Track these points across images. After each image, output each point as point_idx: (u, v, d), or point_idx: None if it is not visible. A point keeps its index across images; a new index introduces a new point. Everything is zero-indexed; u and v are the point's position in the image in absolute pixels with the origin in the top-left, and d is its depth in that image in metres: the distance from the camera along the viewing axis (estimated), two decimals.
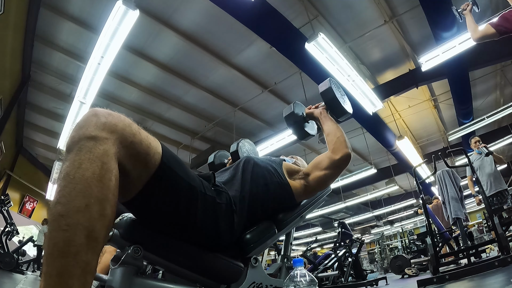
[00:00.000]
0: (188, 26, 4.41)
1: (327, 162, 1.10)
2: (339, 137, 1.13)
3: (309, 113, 1.30)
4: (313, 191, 1.12)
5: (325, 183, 1.11)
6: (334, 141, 1.13)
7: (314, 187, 1.10)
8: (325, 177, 1.09)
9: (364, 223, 14.90)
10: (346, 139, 1.14)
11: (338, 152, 1.10)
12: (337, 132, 1.15)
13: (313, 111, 1.28)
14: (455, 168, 4.46)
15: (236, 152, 1.43)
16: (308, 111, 1.30)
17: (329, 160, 1.10)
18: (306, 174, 1.10)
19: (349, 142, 1.14)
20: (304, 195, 1.10)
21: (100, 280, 0.66)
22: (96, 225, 0.51)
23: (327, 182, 1.12)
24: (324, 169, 1.09)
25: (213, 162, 1.61)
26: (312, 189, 1.10)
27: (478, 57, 4.65)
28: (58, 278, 0.46)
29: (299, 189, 1.08)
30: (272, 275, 1.11)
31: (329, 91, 1.21)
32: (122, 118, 0.62)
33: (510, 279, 1.86)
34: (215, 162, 1.61)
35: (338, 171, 1.11)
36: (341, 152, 1.10)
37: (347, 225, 6.45)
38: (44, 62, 5.05)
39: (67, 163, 0.53)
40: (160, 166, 0.67)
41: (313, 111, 1.28)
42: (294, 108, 1.28)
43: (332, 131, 1.16)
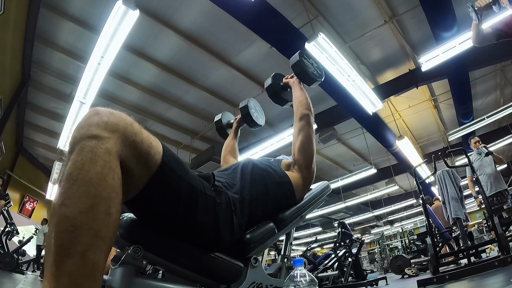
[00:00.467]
0: (188, 26, 4.41)
1: (296, 128, 1.21)
2: (301, 100, 1.26)
3: (285, 82, 1.45)
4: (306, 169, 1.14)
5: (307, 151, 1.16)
6: (296, 105, 1.27)
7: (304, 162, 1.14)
8: (302, 145, 1.16)
9: (364, 223, 14.90)
10: (307, 102, 1.26)
11: (298, 113, 1.23)
12: (301, 97, 1.28)
13: (288, 81, 1.42)
14: (455, 168, 4.46)
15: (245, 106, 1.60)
16: (284, 81, 1.45)
17: (295, 126, 1.21)
18: (293, 156, 1.18)
19: (310, 105, 1.26)
20: (302, 184, 1.12)
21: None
22: (102, 224, 0.51)
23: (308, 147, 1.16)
24: (297, 136, 1.18)
25: (220, 120, 1.76)
26: (303, 166, 1.14)
27: (478, 57, 4.65)
28: (69, 277, 0.47)
29: (296, 179, 1.10)
30: (272, 275, 1.11)
31: (296, 64, 1.35)
32: (124, 117, 0.62)
33: (510, 279, 1.86)
34: (223, 120, 1.77)
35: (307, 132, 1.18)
36: (300, 112, 1.22)
37: (347, 225, 6.45)
38: (44, 62, 5.05)
39: (70, 164, 0.53)
40: (161, 166, 0.67)
41: (288, 80, 1.43)
42: (274, 79, 1.46)
43: (297, 96, 1.30)
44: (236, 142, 1.70)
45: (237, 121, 1.72)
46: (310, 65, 1.39)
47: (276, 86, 1.45)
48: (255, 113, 1.65)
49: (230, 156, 1.64)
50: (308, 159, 1.15)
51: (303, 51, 1.39)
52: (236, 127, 1.72)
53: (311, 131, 1.19)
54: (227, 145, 1.67)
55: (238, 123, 1.72)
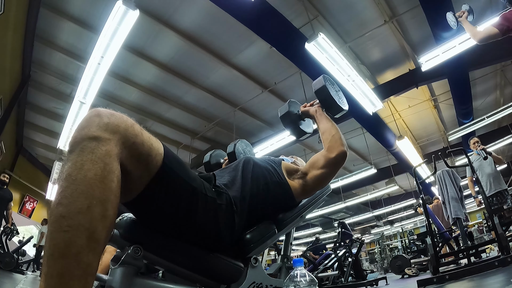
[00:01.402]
0: (188, 26, 4.41)
1: (323, 161, 1.09)
2: (334, 135, 1.12)
3: (304, 111, 1.29)
4: (311, 191, 1.12)
5: (322, 182, 1.10)
6: (329, 139, 1.12)
7: (312, 187, 1.10)
8: (322, 176, 1.08)
9: (364, 223, 14.90)
10: (341, 136, 1.13)
11: (334, 150, 1.09)
12: (332, 130, 1.14)
13: (308, 109, 1.27)
14: (455, 168, 4.46)
15: (233, 152, 1.44)
16: (303, 109, 1.29)
17: (325, 159, 1.09)
18: (304, 174, 1.10)
19: (344, 139, 1.13)
20: (303, 194, 1.10)
21: (100, 280, 0.66)
22: (98, 226, 0.51)
23: (325, 181, 1.11)
24: (321, 168, 1.08)
25: (208, 161, 1.61)
26: (310, 188, 1.09)
27: (478, 57, 4.64)
28: (59, 279, 0.46)
29: (298, 189, 1.08)
30: (272, 275, 1.11)
31: (323, 89, 1.19)
32: (125, 118, 0.62)
33: (510, 279, 1.86)
34: (211, 161, 1.61)
35: (334, 170, 1.10)
36: (336, 150, 1.09)
37: (347, 225, 6.46)
38: (44, 62, 5.05)
39: (69, 164, 0.53)
40: (162, 167, 0.67)
41: (308, 109, 1.28)
42: (289, 107, 1.28)
43: (327, 129, 1.15)
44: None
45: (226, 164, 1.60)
46: (334, 92, 1.23)
47: (293, 115, 1.27)
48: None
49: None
50: (316, 188, 1.13)
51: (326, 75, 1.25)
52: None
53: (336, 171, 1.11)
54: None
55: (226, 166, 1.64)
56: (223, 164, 1.62)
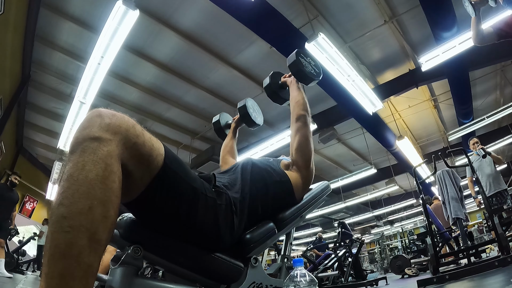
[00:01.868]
0: (188, 26, 4.41)
1: (292, 129, 1.20)
2: (297, 101, 1.26)
3: (283, 81, 1.44)
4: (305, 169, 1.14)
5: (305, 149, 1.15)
6: (293, 106, 1.26)
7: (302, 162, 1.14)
8: (300, 145, 1.15)
9: (364, 223, 14.90)
10: (304, 103, 1.25)
11: (294, 113, 1.22)
12: (298, 97, 1.27)
13: (286, 80, 1.42)
14: (455, 168, 4.46)
15: (244, 106, 1.61)
16: (282, 80, 1.45)
17: (292, 126, 1.21)
18: (291, 156, 1.18)
19: (307, 105, 1.25)
20: (301, 183, 1.12)
21: (100, 280, 0.67)
22: (99, 227, 0.51)
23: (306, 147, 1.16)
24: (294, 137, 1.18)
25: (218, 121, 1.76)
26: (301, 165, 1.14)
27: (478, 57, 4.65)
28: (60, 279, 0.46)
29: (295, 178, 1.10)
30: (272, 275, 1.11)
31: (294, 64, 1.33)
32: (126, 119, 0.62)
33: (510, 279, 1.86)
34: (221, 121, 1.76)
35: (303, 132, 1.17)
36: (296, 113, 1.22)
37: (347, 225, 6.46)
38: (44, 62, 5.05)
39: (71, 164, 0.53)
40: (163, 168, 0.67)
41: (286, 79, 1.42)
42: (273, 77, 1.47)
43: (294, 96, 1.29)
44: (234, 142, 1.70)
45: (235, 121, 1.71)
46: (308, 64, 1.38)
47: (274, 85, 1.45)
48: (254, 113, 1.65)
49: (229, 156, 1.63)
50: (306, 159, 1.15)
51: (300, 49, 1.38)
52: (234, 127, 1.71)
53: (308, 131, 1.19)
54: (226, 146, 1.67)
55: (236, 123, 1.71)
56: (233, 122, 1.73)
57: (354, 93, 4.55)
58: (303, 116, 1.21)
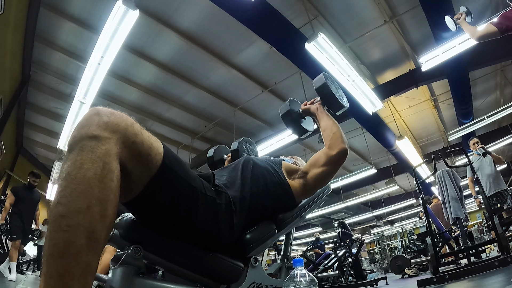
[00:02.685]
0: (188, 26, 4.41)
1: (324, 159, 1.08)
2: (335, 132, 1.12)
3: (305, 109, 1.28)
4: (312, 190, 1.11)
5: (323, 180, 1.09)
6: (330, 137, 1.11)
7: (313, 186, 1.09)
8: (323, 174, 1.07)
9: (364, 223, 14.90)
10: (342, 134, 1.12)
11: (334, 147, 1.08)
12: (333, 127, 1.13)
13: (309, 107, 1.26)
14: (455, 168, 4.46)
15: (236, 150, 1.44)
16: (304, 108, 1.29)
17: (326, 157, 1.08)
18: (305, 173, 1.09)
19: (345, 137, 1.13)
20: (303, 194, 1.10)
21: (100, 280, 0.67)
22: (97, 226, 0.51)
23: (326, 180, 1.10)
24: (322, 166, 1.07)
25: (212, 156, 1.62)
26: (311, 187, 1.09)
27: (478, 57, 4.65)
28: (59, 278, 0.46)
29: (298, 189, 1.07)
30: (272, 275, 1.11)
31: (324, 87, 1.19)
32: (125, 117, 0.62)
33: (510, 279, 1.86)
34: (215, 157, 1.62)
35: (335, 167, 1.09)
36: (337, 147, 1.08)
37: (347, 225, 6.46)
38: (44, 62, 5.05)
39: (69, 163, 0.53)
40: (162, 167, 0.66)
41: (309, 107, 1.27)
42: (290, 105, 1.28)
43: (328, 126, 1.15)
44: None
45: (229, 161, 1.62)
46: (335, 89, 1.23)
47: (294, 114, 1.27)
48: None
49: None
50: (317, 187, 1.12)
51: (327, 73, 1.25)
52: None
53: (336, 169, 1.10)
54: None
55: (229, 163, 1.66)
56: (226, 161, 1.63)
57: (354, 93, 4.55)
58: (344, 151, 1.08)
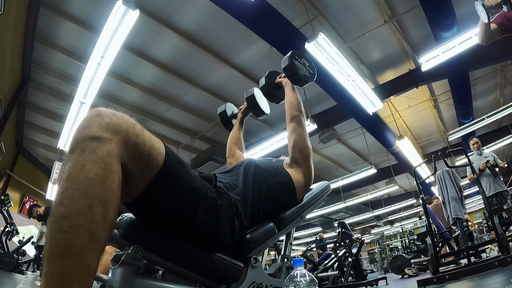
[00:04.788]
0: (188, 26, 4.41)
1: (288, 130, 1.24)
2: (291, 102, 1.29)
3: (278, 81, 1.46)
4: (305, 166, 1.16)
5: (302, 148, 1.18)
6: (287, 107, 1.29)
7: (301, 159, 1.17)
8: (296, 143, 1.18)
9: (364, 223, 14.90)
10: (298, 103, 1.28)
11: (289, 114, 1.26)
12: (291, 98, 1.30)
13: (281, 80, 1.44)
14: (455, 168, 4.46)
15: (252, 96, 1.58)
16: (278, 80, 1.47)
17: (288, 127, 1.24)
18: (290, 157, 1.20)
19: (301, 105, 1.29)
20: (303, 181, 1.12)
21: (100, 280, 0.67)
22: (98, 227, 0.51)
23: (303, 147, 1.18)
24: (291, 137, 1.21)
25: (224, 111, 1.74)
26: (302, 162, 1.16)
27: (478, 57, 4.64)
28: (59, 279, 0.46)
29: (297, 177, 1.10)
30: (272, 275, 1.11)
31: (287, 67, 1.35)
32: (126, 118, 0.62)
33: (510, 279, 1.86)
34: (227, 111, 1.74)
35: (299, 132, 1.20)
36: (290, 114, 1.25)
37: (347, 225, 6.45)
38: (44, 62, 5.05)
39: (70, 164, 0.53)
40: (163, 167, 0.66)
41: (280, 80, 1.44)
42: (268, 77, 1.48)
43: (288, 98, 1.32)
44: (241, 132, 1.67)
45: (242, 111, 1.68)
46: (302, 66, 1.39)
47: (270, 85, 1.48)
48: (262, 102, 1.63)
49: (235, 147, 1.61)
50: (304, 155, 1.17)
51: (295, 51, 1.40)
52: (241, 117, 1.68)
53: (303, 130, 1.22)
54: (233, 136, 1.65)
55: (243, 113, 1.69)
56: (239, 111, 1.70)
57: (354, 93, 4.55)
58: (297, 116, 1.24)
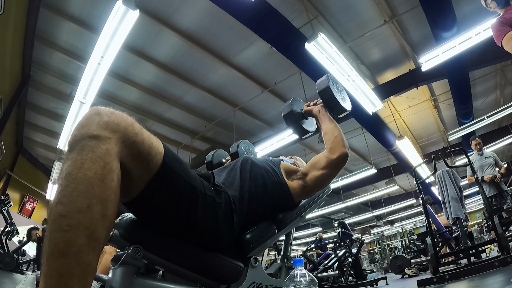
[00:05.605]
0: (188, 26, 4.41)
1: (324, 162, 1.08)
2: (336, 136, 1.11)
3: (307, 110, 1.27)
4: (311, 191, 1.11)
5: (322, 183, 1.10)
6: (331, 140, 1.11)
7: (312, 187, 1.08)
8: (322, 177, 1.07)
9: (364, 223, 14.90)
10: (343, 138, 1.12)
11: (335, 151, 1.08)
12: (335, 131, 1.13)
13: (312, 109, 1.25)
14: (455, 168, 4.46)
15: (236, 153, 1.44)
16: (306, 109, 1.28)
17: (326, 160, 1.08)
18: (304, 174, 1.09)
19: (346, 141, 1.13)
20: (302, 195, 1.10)
21: (100, 280, 0.67)
22: (98, 225, 0.51)
23: (325, 182, 1.10)
24: (322, 168, 1.07)
25: (211, 161, 1.60)
26: (310, 189, 1.08)
27: (478, 57, 4.64)
28: (59, 278, 0.46)
29: (297, 190, 1.07)
30: (272, 275, 1.11)
31: (326, 90, 1.18)
32: (125, 117, 0.62)
33: (510, 279, 1.86)
34: (213, 161, 1.60)
35: (335, 171, 1.09)
36: (338, 151, 1.08)
37: (347, 225, 6.46)
38: (44, 62, 5.05)
39: (69, 163, 0.53)
40: (162, 166, 0.67)
41: (311, 108, 1.26)
42: (293, 105, 1.27)
43: (330, 130, 1.14)
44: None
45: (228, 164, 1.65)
46: (338, 92, 1.22)
47: (296, 115, 1.26)
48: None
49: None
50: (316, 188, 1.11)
51: (330, 74, 1.24)
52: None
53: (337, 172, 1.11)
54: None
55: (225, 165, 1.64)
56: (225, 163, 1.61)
57: (354, 93, 4.55)
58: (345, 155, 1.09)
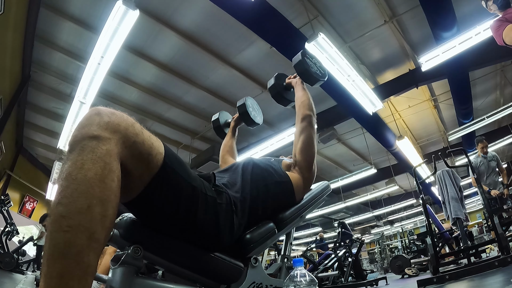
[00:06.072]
0: (188, 26, 4.41)
1: (297, 129, 1.20)
2: (303, 101, 1.25)
3: (288, 82, 1.44)
4: (308, 168, 1.15)
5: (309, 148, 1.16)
6: (298, 106, 1.25)
7: (305, 159, 1.14)
8: (304, 142, 1.15)
9: (364, 223, 14.90)
10: (309, 103, 1.25)
11: (300, 114, 1.22)
12: (303, 97, 1.27)
13: (291, 81, 1.41)
14: (455, 168, 4.46)
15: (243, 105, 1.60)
16: (287, 80, 1.45)
17: (297, 126, 1.20)
18: (294, 156, 1.17)
19: (312, 105, 1.25)
20: (302, 184, 1.12)
21: (100, 280, 0.67)
22: (98, 226, 0.51)
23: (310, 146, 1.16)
24: (299, 137, 1.17)
25: (217, 119, 1.74)
26: (305, 165, 1.14)
27: (478, 57, 4.64)
28: (59, 279, 0.46)
29: (297, 179, 1.10)
30: (272, 275, 1.11)
31: (299, 64, 1.34)
32: (125, 117, 0.62)
33: (510, 279, 1.86)
34: (220, 119, 1.74)
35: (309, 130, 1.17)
36: (302, 113, 1.21)
37: (347, 225, 6.46)
38: (44, 62, 5.04)
39: (69, 163, 0.53)
40: (162, 167, 0.66)
41: (290, 80, 1.42)
42: (276, 78, 1.47)
43: (299, 97, 1.29)
44: (234, 141, 1.68)
45: (235, 120, 1.70)
46: (313, 65, 1.38)
47: (279, 86, 1.45)
48: (253, 112, 1.64)
49: (228, 155, 1.62)
50: (309, 160, 1.15)
51: (305, 50, 1.39)
52: (233, 126, 1.70)
53: (313, 132, 1.19)
54: (225, 145, 1.66)
55: (235, 122, 1.70)
56: (232, 120, 1.72)
57: (354, 93, 4.55)
58: (309, 116, 1.21)
